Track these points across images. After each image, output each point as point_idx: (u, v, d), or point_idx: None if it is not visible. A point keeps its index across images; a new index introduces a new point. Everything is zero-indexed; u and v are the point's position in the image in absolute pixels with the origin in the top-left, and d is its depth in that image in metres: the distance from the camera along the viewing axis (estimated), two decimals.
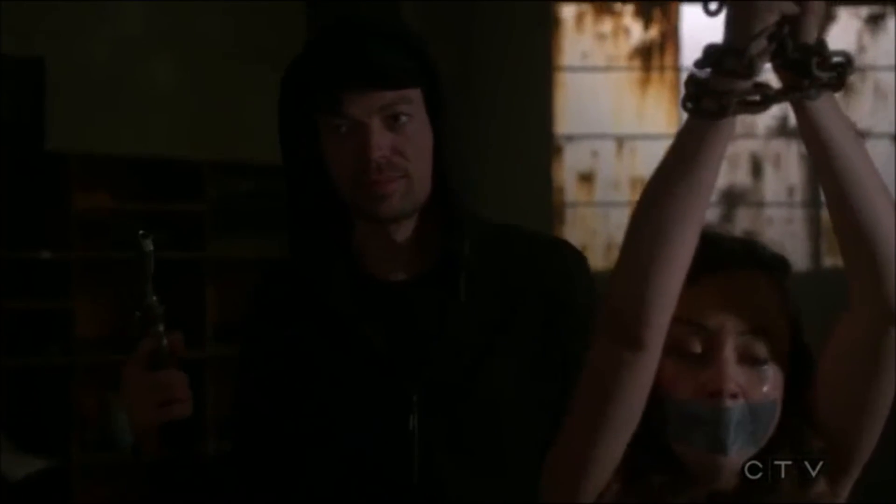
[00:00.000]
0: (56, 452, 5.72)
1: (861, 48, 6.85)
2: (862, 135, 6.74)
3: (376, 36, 1.89)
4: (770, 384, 1.50)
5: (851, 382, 1.50)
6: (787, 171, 6.84)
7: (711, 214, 6.84)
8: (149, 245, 1.93)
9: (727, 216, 6.88)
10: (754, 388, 1.49)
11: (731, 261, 1.53)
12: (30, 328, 5.77)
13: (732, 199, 6.93)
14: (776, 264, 1.57)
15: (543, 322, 1.93)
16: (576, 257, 1.99)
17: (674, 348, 1.47)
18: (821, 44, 1.34)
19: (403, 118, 1.88)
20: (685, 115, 1.38)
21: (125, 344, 6.16)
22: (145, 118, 6.29)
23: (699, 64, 1.33)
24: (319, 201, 1.97)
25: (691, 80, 1.34)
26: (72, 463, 5.77)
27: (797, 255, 6.55)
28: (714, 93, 1.32)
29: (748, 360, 1.50)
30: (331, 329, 1.95)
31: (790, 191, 6.84)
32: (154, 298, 1.94)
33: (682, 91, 1.37)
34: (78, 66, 6.10)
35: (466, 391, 1.90)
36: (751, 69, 1.31)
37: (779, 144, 6.83)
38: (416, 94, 1.90)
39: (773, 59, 1.34)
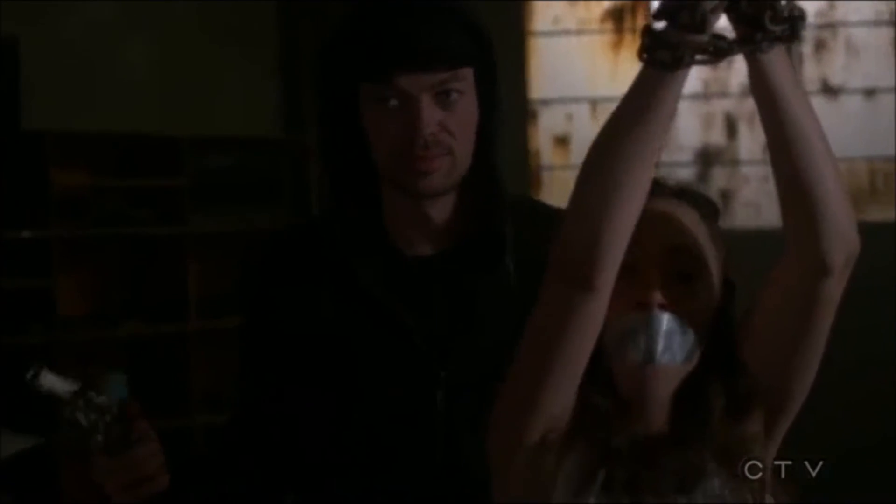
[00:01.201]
0: (41, 431, 5.73)
1: (832, 4, 6.86)
2: (834, 91, 6.76)
3: (433, 12, 1.86)
4: (699, 304, 1.56)
5: (785, 330, 1.54)
6: (761, 130, 6.82)
7: (687, 174, 6.86)
8: (48, 382, 1.91)
9: (702, 175, 6.89)
10: (683, 302, 1.55)
11: (661, 191, 1.60)
12: (11, 307, 5.77)
13: (707, 158, 6.94)
14: (705, 203, 1.64)
15: None
16: None
17: None
18: None
19: (454, 95, 1.86)
20: None
21: (107, 321, 6.15)
22: (121, 96, 6.28)
23: (656, 16, 1.37)
24: (353, 171, 1.94)
25: (647, 31, 1.38)
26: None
27: (773, 212, 6.55)
28: (668, 45, 1.36)
29: (676, 275, 1.56)
30: (355, 302, 1.92)
31: (765, 149, 6.85)
32: (89, 395, 1.89)
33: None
34: (53, 45, 6.08)
35: (494, 369, 1.82)
36: (703, 24, 1.34)
37: (753, 103, 6.82)
38: (468, 72, 1.88)
39: (727, 13, 1.38)
